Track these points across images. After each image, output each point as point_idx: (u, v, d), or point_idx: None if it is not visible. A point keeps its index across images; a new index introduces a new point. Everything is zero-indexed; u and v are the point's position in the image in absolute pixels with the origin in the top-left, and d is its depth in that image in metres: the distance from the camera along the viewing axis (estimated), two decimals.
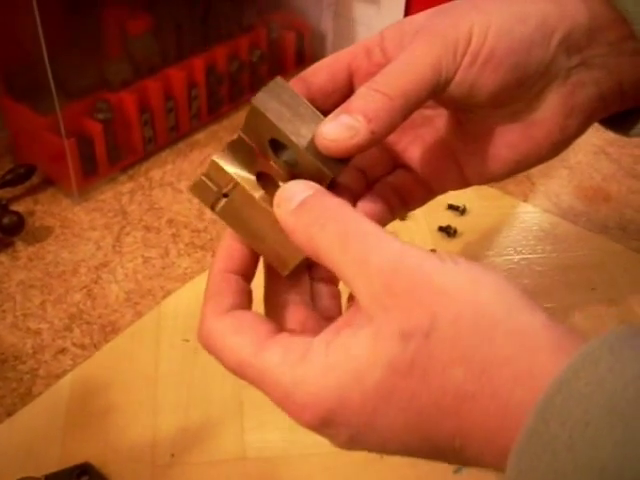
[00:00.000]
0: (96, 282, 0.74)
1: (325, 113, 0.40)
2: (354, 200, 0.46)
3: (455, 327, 0.32)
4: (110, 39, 0.86)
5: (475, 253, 0.79)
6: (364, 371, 0.33)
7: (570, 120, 0.46)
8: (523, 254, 0.80)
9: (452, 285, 0.32)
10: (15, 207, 0.82)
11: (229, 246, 0.41)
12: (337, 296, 0.44)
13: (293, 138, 0.39)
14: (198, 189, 0.40)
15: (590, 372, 0.29)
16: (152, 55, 0.88)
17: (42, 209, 0.83)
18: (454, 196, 0.86)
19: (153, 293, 0.73)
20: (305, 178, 0.39)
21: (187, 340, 0.67)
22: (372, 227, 0.35)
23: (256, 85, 0.97)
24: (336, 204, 0.36)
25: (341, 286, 0.41)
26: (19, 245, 0.78)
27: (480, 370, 0.31)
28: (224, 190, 0.39)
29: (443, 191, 0.50)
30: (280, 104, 0.39)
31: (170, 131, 0.92)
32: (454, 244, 0.80)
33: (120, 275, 0.75)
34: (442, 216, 0.84)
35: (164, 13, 0.88)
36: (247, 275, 0.41)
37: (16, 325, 0.69)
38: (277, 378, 0.35)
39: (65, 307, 0.71)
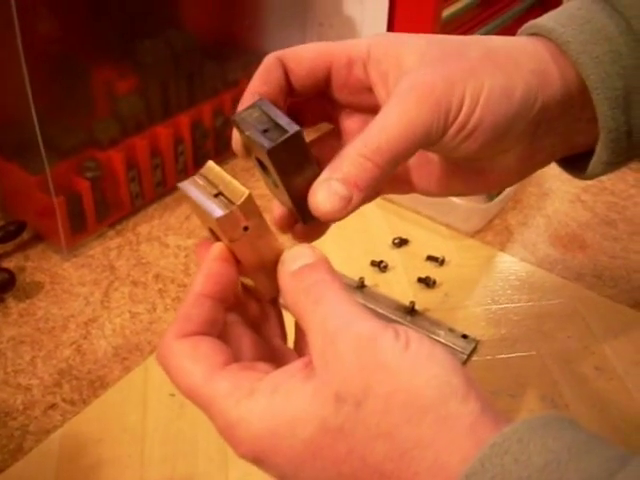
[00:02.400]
0: (85, 337, 0.76)
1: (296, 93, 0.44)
2: None
3: (386, 403, 0.34)
4: (98, 99, 0.87)
5: (454, 304, 0.81)
6: (299, 424, 0.35)
7: (522, 174, 0.50)
8: (501, 303, 0.82)
9: (394, 363, 0.34)
10: (6, 263, 0.84)
11: (210, 269, 0.41)
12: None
13: (293, 196, 0.43)
14: (225, 221, 0.39)
15: (496, 463, 0.31)
16: (139, 113, 0.90)
17: (32, 265, 0.85)
18: (433, 247, 0.88)
19: (140, 348, 0.74)
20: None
21: (173, 395, 0.69)
22: (350, 304, 0.38)
23: None
24: (328, 280, 0.39)
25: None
26: (10, 301, 0.80)
27: (402, 450, 0.33)
28: (245, 223, 0.39)
29: (387, 193, 0.52)
30: (289, 159, 0.41)
31: (157, 186, 0.94)
32: (433, 295, 0.82)
33: (108, 330, 0.76)
34: (421, 267, 0.86)
35: (150, 73, 0.89)
36: (224, 300, 0.42)
37: (7, 381, 0.71)
38: (222, 408, 0.37)
39: (55, 363, 0.73)
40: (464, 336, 0.76)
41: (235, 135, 0.43)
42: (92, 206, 0.87)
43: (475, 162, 0.48)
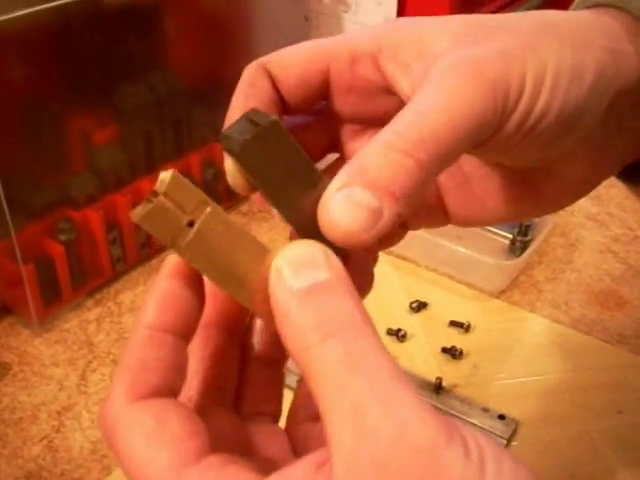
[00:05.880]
0: (58, 430, 0.66)
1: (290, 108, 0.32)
2: None
3: None
4: (73, 151, 0.80)
5: (485, 377, 0.72)
6: None
7: (589, 185, 0.38)
8: (537, 374, 0.73)
9: None
10: None
11: (164, 291, 0.30)
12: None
13: (290, 215, 0.30)
14: (152, 217, 0.27)
15: None
16: (119, 166, 0.82)
17: None
18: (456, 311, 0.79)
19: None
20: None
21: None
22: (390, 365, 0.25)
23: (233, 193, 0.91)
24: (358, 321, 0.26)
25: None
26: None
27: None
28: (188, 217, 0.28)
29: (417, 227, 0.40)
30: (270, 159, 0.30)
31: (141, 248, 0.85)
32: (461, 367, 0.73)
33: (86, 421, 0.67)
34: (445, 334, 0.76)
35: (131, 121, 0.83)
36: (187, 334, 0.30)
37: None
38: None
39: (21, 463, 0.63)
40: (501, 416, 0.67)
41: (227, 164, 0.32)
42: (67, 273, 0.78)
43: (531, 172, 0.37)
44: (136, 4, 0.81)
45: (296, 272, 0.27)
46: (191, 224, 0.28)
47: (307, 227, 0.30)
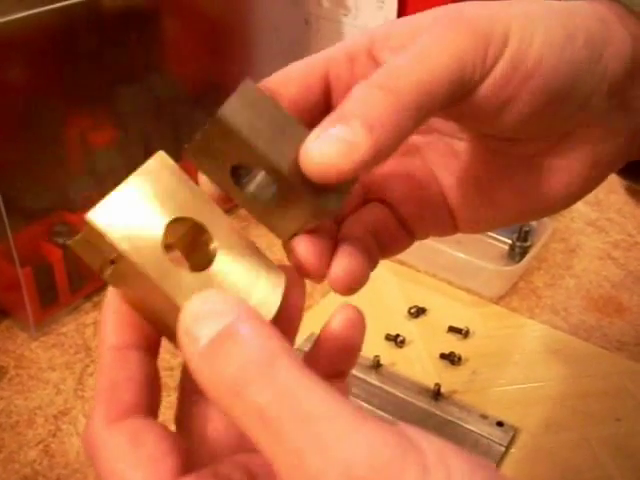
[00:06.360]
0: (54, 435, 0.65)
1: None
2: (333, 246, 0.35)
3: None
4: (71, 153, 0.80)
5: (484, 383, 0.72)
6: None
7: (595, 171, 0.37)
8: (536, 381, 0.72)
9: None
10: None
11: (119, 309, 0.30)
12: None
13: (281, 164, 0.30)
14: (80, 247, 0.29)
15: None
16: (118, 169, 0.81)
17: None
18: (454, 316, 0.78)
19: None
20: (289, 217, 0.31)
21: None
22: (318, 394, 0.24)
23: None
24: (267, 344, 0.24)
25: None
26: None
27: None
28: (110, 257, 0.29)
29: (425, 235, 0.39)
30: (254, 117, 0.30)
31: None
32: (459, 373, 0.72)
33: (82, 426, 0.66)
34: (443, 340, 0.76)
35: (130, 123, 0.82)
36: (152, 348, 0.31)
37: None
38: None
39: (18, 467, 0.63)
40: (499, 423, 0.66)
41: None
42: (64, 276, 0.77)
43: (533, 154, 0.37)
44: (136, 7, 0.81)
45: (198, 330, 0.25)
46: (112, 262, 0.29)
47: (299, 178, 0.30)
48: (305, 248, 0.33)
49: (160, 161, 0.31)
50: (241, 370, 0.24)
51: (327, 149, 0.28)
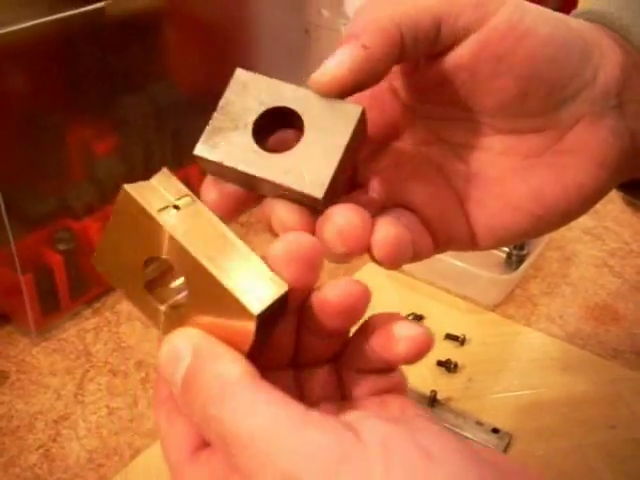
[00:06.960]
0: (55, 440, 0.65)
1: None
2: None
3: None
4: (73, 161, 0.80)
5: (479, 391, 0.72)
6: None
7: (603, 171, 0.38)
8: (532, 388, 0.73)
9: None
10: None
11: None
12: None
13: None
14: (142, 189, 0.32)
15: None
16: (119, 177, 0.82)
17: None
18: (451, 324, 0.79)
19: (120, 452, 0.64)
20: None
21: None
22: (277, 408, 0.28)
23: None
24: (226, 373, 0.29)
25: None
26: None
27: None
28: (174, 201, 0.32)
29: (445, 244, 0.39)
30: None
31: None
32: (455, 381, 0.73)
33: (82, 430, 0.66)
34: (440, 347, 0.76)
35: (132, 131, 0.83)
36: None
37: None
38: None
39: (18, 471, 0.63)
40: (495, 430, 0.67)
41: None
42: (65, 282, 0.78)
43: (541, 148, 0.38)
44: (137, 16, 0.81)
45: (172, 376, 0.30)
46: (176, 208, 0.31)
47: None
48: (346, 216, 0.33)
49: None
50: (203, 404, 0.28)
51: (325, 67, 0.33)
